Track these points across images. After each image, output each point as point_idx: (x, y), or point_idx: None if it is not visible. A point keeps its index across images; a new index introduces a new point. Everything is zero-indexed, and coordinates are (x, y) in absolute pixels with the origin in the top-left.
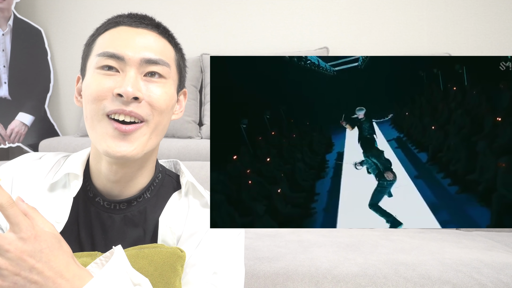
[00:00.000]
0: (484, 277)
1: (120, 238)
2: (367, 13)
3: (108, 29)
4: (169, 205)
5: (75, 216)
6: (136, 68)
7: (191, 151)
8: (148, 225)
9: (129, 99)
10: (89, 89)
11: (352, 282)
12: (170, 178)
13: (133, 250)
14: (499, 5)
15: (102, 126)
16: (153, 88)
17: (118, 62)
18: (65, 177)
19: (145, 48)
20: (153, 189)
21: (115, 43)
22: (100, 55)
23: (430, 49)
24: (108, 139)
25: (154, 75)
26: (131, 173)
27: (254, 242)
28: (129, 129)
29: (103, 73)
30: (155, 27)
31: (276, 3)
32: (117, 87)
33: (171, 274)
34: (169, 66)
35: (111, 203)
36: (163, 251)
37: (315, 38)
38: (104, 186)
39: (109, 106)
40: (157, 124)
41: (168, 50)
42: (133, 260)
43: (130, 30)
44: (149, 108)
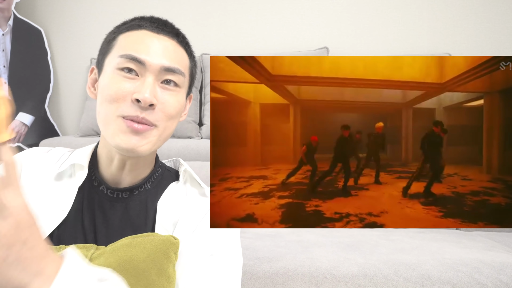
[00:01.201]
0: (484, 277)
1: (121, 227)
2: (367, 13)
3: (130, 29)
4: (168, 191)
5: (80, 204)
6: (154, 74)
7: (191, 151)
8: (148, 214)
9: (146, 105)
10: (108, 89)
11: (352, 282)
12: (170, 172)
13: (126, 240)
14: (499, 5)
15: (116, 124)
16: (167, 97)
17: (138, 66)
18: (71, 168)
19: (164, 56)
20: (153, 181)
21: (137, 46)
22: (122, 57)
23: (430, 49)
24: (121, 135)
25: (170, 83)
26: (138, 163)
27: (254, 242)
28: (141, 128)
29: (123, 75)
30: (175, 36)
31: (276, 3)
32: (136, 92)
33: (164, 260)
34: (184, 75)
35: (114, 192)
36: (156, 239)
37: (315, 38)
38: (111, 174)
39: (125, 111)
40: (165, 128)
41: (184, 59)
42: (125, 249)
43: (152, 36)
44: (160, 114)
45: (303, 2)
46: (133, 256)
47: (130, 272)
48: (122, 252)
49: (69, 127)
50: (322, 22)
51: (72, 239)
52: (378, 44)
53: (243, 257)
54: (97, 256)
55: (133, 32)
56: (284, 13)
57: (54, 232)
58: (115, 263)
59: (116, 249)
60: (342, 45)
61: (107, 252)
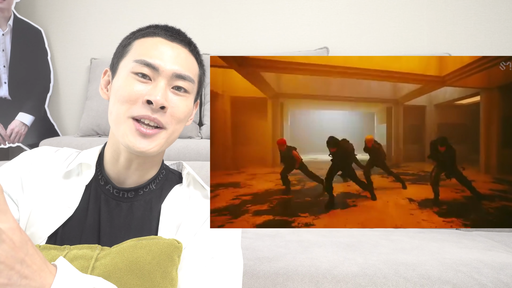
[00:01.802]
0: (484, 277)
1: (125, 226)
2: (367, 13)
3: (145, 36)
4: (171, 194)
5: (86, 203)
6: (166, 80)
7: (191, 151)
8: (153, 215)
9: (157, 107)
10: (122, 91)
11: (352, 282)
12: (174, 174)
13: (131, 242)
14: (499, 5)
15: (127, 125)
16: (177, 101)
17: (152, 71)
18: (78, 167)
19: (176, 62)
20: (158, 182)
21: (152, 53)
22: (136, 62)
23: (430, 49)
24: (130, 136)
25: (180, 89)
26: (144, 163)
27: (254, 242)
28: (149, 132)
29: (137, 79)
30: (187, 44)
31: (276, 3)
32: (148, 94)
33: (168, 264)
34: (194, 82)
35: (120, 191)
36: (161, 242)
37: (315, 38)
38: (117, 172)
39: (137, 111)
40: (174, 131)
41: (194, 67)
42: (131, 251)
43: (166, 43)
44: (170, 117)
45: (303, 2)
46: (139, 258)
47: (135, 273)
48: (128, 253)
49: (69, 127)
50: (322, 22)
51: (77, 237)
52: (378, 44)
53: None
54: (103, 256)
55: (148, 38)
56: (284, 13)
57: (59, 229)
58: (121, 263)
59: (122, 250)
60: (342, 45)
61: (113, 253)
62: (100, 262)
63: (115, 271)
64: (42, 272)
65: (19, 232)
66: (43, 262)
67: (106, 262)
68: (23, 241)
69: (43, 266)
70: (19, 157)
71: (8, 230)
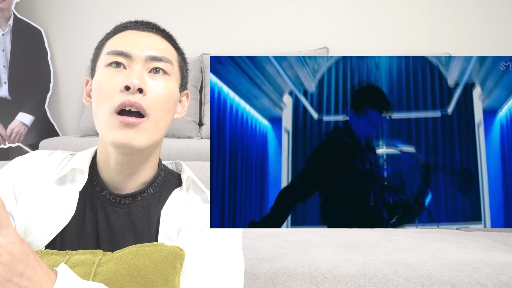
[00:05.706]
0: (484, 277)
1: (124, 232)
2: (367, 13)
3: (116, 33)
4: (171, 199)
5: (82, 209)
6: (141, 64)
7: (191, 151)
8: (151, 220)
9: (135, 90)
10: (99, 85)
11: (352, 282)
12: (172, 176)
13: (133, 248)
14: (499, 5)
15: (111, 121)
16: (157, 83)
17: (125, 58)
18: (71, 172)
19: (150, 47)
20: (156, 186)
21: (123, 43)
22: (109, 53)
23: (430, 49)
24: (115, 131)
25: (159, 71)
26: (136, 165)
27: (254, 242)
28: (133, 121)
29: (112, 70)
30: (159, 31)
31: (276, 3)
32: (124, 80)
33: (170, 271)
34: (171, 63)
35: (117, 197)
36: (163, 249)
37: (315, 38)
38: (111, 178)
39: (117, 100)
40: (159, 119)
41: (171, 51)
42: (133, 257)
43: (137, 33)
44: (152, 102)
45: (303, 2)
46: (141, 265)
47: (138, 280)
48: (131, 260)
49: (69, 127)
50: (322, 22)
51: (75, 244)
52: (378, 44)
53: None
54: (105, 262)
55: (119, 34)
56: (284, 13)
57: (57, 236)
58: (123, 270)
59: (124, 257)
60: (342, 45)
61: (115, 259)
62: (102, 268)
63: (117, 277)
64: (43, 283)
65: (20, 245)
66: (45, 272)
67: (108, 269)
68: (23, 253)
69: (45, 276)
70: (10, 166)
71: (7, 244)
